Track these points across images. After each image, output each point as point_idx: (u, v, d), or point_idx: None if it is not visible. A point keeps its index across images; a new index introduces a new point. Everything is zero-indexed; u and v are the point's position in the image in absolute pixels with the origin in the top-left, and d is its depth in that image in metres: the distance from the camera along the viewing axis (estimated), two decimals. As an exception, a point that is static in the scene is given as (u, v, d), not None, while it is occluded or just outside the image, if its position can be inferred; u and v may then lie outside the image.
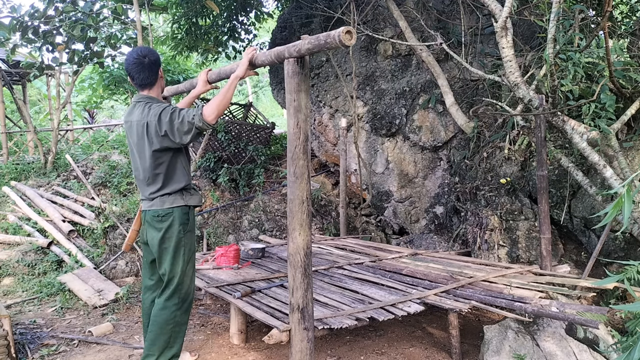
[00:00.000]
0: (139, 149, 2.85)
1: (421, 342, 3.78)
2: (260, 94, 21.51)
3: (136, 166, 2.92)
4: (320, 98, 7.35)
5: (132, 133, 2.85)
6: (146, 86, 2.82)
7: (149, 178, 2.86)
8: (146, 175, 2.87)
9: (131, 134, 2.86)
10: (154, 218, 2.87)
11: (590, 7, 4.86)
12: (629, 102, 4.19)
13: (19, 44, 7.02)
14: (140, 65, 2.77)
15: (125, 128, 2.90)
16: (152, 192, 2.87)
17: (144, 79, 2.79)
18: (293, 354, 2.70)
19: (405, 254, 4.92)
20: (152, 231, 2.88)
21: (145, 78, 2.79)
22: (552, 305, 3.08)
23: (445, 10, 6.24)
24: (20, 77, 11.25)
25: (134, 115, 2.83)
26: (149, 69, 2.80)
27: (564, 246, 4.79)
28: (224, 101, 2.76)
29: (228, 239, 6.37)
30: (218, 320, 4.28)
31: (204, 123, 2.67)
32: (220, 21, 9.28)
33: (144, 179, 2.89)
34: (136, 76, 2.78)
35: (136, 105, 2.84)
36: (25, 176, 7.95)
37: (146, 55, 2.81)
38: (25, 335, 3.85)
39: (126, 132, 2.90)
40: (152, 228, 2.88)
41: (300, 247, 2.64)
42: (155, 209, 2.86)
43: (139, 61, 2.77)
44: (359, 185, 7.03)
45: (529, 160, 5.00)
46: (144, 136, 2.79)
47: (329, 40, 2.27)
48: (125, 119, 2.91)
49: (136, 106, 2.84)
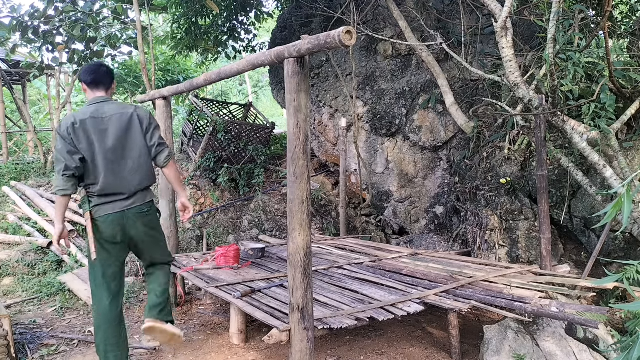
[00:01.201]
0: (124, 141, 2.97)
1: (421, 342, 3.78)
2: (260, 94, 21.51)
3: (115, 159, 2.95)
4: (320, 98, 7.35)
5: (112, 126, 2.95)
6: (109, 89, 3.16)
7: (139, 172, 3.00)
8: (139, 169, 3.00)
9: (109, 128, 2.95)
10: (140, 214, 2.99)
11: (590, 7, 4.86)
12: (629, 102, 4.19)
13: (19, 43, 7.03)
14: (107, 73, 3.17)
15: (93, 124, 2.93)
16: (136, 188, 2.99)
17: (108, 83, 3.15)
18: (293, 354, 2.70)
19: (405, 254, 4.92)
20: (136, 224, 2.98)
21: (109, 82, 3.16)
22: (552, 305, 3.08)
23: (445, 10, 6.24)
24: (20, 77, 11.25)
25: (107, 110, 2.98)
26: (112, 76, 3.21)
27: (564, 246, 4.79)
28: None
29: (228, 239, 6.37)
30: (218, 320, 4.28)
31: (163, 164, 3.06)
32: (220, 21, 9.28)
33: (132, 173, 2.98)
34: (104, 81, 3.12)
35: (104, 103, 3.04)
36: (25, 176, 7.95)
37: (107, 65, 3.29)
38: (25, 335, 3.85)
39: (92, 128, 2.92)
40: (136, 221, 2.98)
41: (300, 247, 2.64)
42: (139, 205, 2.99)
43: (107, 69, 3.18)
44: (359, 185, 7.03)
45: (529, 160, 5.00)
46: (131, 127, 2.98)
47: (329, 40, 2.27)
48: (95, 116, 2.95)
49: (105, 104, 3.03)
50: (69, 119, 2.94)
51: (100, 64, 3.21)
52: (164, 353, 3.57)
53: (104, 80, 3.09)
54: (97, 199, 2.93)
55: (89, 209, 2.92)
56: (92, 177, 2.92)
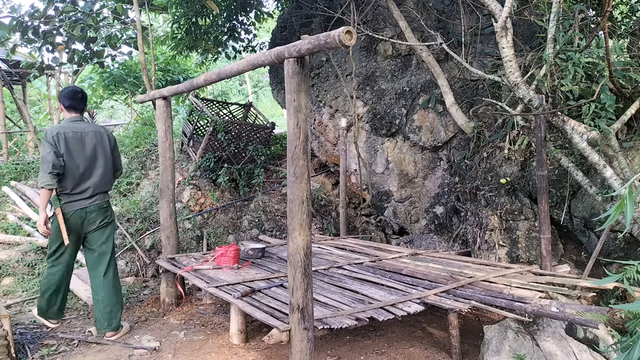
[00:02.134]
0: (99, 153, 3.84)
1: (421, 342, 3.78)
2: (260, 94, 21.51)
3: (89, 165, 3.78)
4: (320, 98, 7.35)
5: (88, 140, 3.79)
6: (82, 111, 3.95)
7: (106, 177, 3.88)
8: (107, 175, 3.89)
9: (86, 141, 3.78)
10: (100, 209, 3.84)
11: (590, 7, 4.86)
12: (629, 102, 4.19)
13: (19, 43, 7.03)
14: (82, 99, 3.93)
15: (73, 137, 3.72)
16: (102, 189, 3.85)
17: (82, 106, 3.93)
18: (293, 353, 2.70)
19: (405, 254, 4.92)
20: (97, 217, 3.83)
21: (83, 106, 3.94)
22: (552, 305, 3.08)
23: (445, 10, 6.24)
24: (20, 77, 11.25)
25: (84, 127, 3.82)
26: (85, 100, 3.99)
27: (564, 246, 4.79)
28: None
29: (228, 239, 6.37)
30: (218, 320, 4.28)
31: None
32: (220, 21, 9.28)
33: (102, 177, 3.84)
34: (79, 106, 3.89)
35: (80, 122, 3.86)
36: (25, 176, 7.94)
37: (83, 91, 3.98)
38: (25, 335, 3.85)
39: (72, 140, 3.71)
40: (98, 215, 3.83)
41: (300, 247, 2.64)
42: (100, 202, 3.85)
43: (82, 95, 3.93)
44: (359, 185, 7.03)
45: (529, 160, 5.00)
46: (103, 143, 3.87)
47: (329, 40, 2.27)
48: (75, 130, 3.75)
49: (80, 122, 3.85)
50: (54, 129, 3.71)
51: (77, 91, 3.92)
52: (164, 353, 3.57)
53: (79, 105, 3.88)
54: (67, 197, 3.71)
55: (59, 205, 3.68)
56: (68, 178, 3.68)
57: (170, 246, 4.69)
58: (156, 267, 5.61)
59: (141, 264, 5.68)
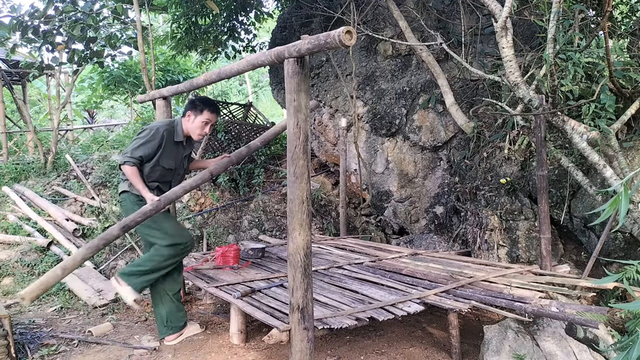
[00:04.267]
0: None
1: (421, 342, 3.78)
2: (260, 94, 21.50)
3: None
4: (320, 98, 7.35)
5: None
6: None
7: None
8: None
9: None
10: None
11: (590, 7, 4.87)
12: (629, 102, 4.18)
13: (18, 43, 7.03)
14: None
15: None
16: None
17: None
18: (293, 353, 2.70)
19: (405, 254, 4.92)
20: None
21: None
22: (552, 305, 3.08)
23: (445, 10, 6.24)
24: (20, 77, 11.25)
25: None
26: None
27: (564, 246, 4.79)
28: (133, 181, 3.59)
29: (228, 239, 6.37)
30: (218, 320, 4.28)
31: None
32: (220, 21, 9.28)
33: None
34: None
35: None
36: (25, 176, 7.94)
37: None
38: (25, 335, 3.85)
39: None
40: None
41: (300, 247, 2.64)
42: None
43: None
44: (359, 185, 7.03)
45: (529, 160, 5.00)
46: None
47: (329, 40, 2.27)
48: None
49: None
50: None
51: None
52: (164, 353, 3.57)
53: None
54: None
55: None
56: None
57: (170, 246, 4.68)
58: (156, 267, 5.61)
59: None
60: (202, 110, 3.67)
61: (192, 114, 3.71)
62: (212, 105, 3.74)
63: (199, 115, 3.68)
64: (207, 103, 3.72)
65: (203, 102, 3.73)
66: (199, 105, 3.69)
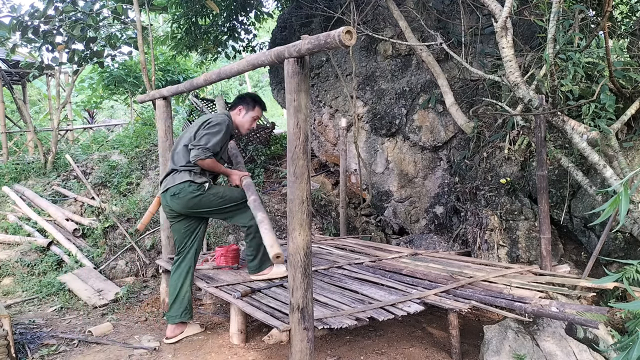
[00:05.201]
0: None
1: (421, 342, 3.78)
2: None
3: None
4: (320, 98, 7.35)
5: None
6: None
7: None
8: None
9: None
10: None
11: (590, 7, 4.86)
12: (629, 102, 4.18)
13: (19, 43, 7.03)
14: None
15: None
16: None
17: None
18: (293, 353, 2.70)
19: (405, 254, 4.92)
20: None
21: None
22: (552, 305, 3.08)
23: (445, 10, 6.24)
24: (20, 77, 11.26)
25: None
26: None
27: (564, 246, 4.79)
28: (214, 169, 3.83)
29: (228, 239, 6.37)
30: (218, 320, 4.28)
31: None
32: (220, 21, 9.28)
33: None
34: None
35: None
36: (25, 176, 7.94)
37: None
38: (25, 335, 3.85)
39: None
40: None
41: (300, 247, 2.64)
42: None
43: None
44: (359, 185, 7.03)
45: (529, 160, 5.00)
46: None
47: (329, 40, 2.27)
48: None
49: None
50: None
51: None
52: (164, 353, 3.58)
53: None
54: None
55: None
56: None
57: (170, 246, 4.68)
58: (156, 267, 5.62)
59: (141, 264, 5.68)
60: (254, 106, 3.86)
61: (243, 108, 3.87)
62: (262, 103, 3.94)
63: (250, 111, 3.86)
64: (257, 100, 3.92)
65: (253, 98, 3.92)
66: (251, 101, 3.87)
